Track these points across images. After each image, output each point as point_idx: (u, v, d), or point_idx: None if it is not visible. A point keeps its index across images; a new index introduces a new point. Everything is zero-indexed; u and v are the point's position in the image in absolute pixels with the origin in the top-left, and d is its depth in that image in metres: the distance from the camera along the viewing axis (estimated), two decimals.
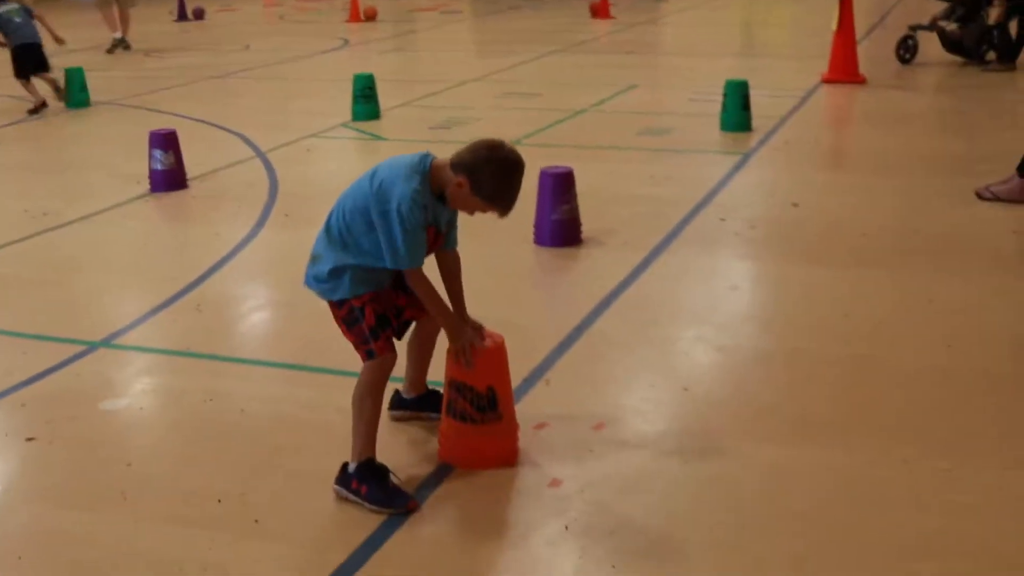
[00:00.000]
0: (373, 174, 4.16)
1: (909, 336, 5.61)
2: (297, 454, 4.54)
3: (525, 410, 4.77)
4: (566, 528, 3.95)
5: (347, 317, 4.24)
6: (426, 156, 4.18)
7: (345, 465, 4.26)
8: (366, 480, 4.18)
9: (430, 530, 4.00)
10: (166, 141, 9.03)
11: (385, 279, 4.30)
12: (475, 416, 4.34)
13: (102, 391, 5.28)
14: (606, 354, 5.49)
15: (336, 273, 4.20)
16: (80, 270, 7.24)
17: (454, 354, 4.29)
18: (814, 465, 4.36)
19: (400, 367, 4.46)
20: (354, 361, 4.31)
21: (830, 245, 7.09)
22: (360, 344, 4.25)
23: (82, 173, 9.79)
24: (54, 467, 4.60)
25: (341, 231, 4.19)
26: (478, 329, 4.39)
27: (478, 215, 4.28)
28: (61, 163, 10.24)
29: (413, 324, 4.56)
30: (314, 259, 4.29)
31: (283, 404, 5.08)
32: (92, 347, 5.82)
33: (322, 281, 4.24)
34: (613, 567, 3.73)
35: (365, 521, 4.04)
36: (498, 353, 4.39)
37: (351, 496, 4.18)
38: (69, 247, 7.75)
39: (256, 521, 4.08)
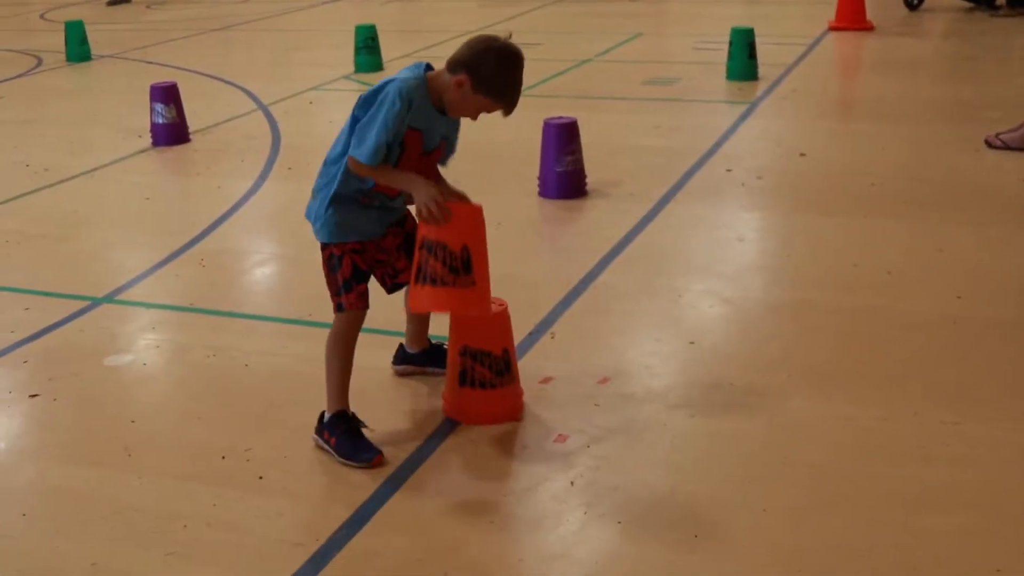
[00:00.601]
0: (366, 93, 4.08)
1: (918, 286, 5.56)
2: (301, 409, 4.51)
3: (530, 364, 4.75)
4: (571, 483, 3.93)
5: (327, 262, 4.20)
6: (421, 63, 4.10)
7: (322, 415, 4.26)
8: (335, 431, 4.17)
9: (434, 485, 3.99)
10: (167, 94, 8.96)
11: (374, 226, 4.20)
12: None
13: (106, 347, 5.26)
14: (612, 307, 5.45)
15: (323, 207, 4.12)
16: (83, 225, 7.21)
17: (425, 211, 3.92)
18: (822, 417, 4.33)
19: (397, 321, 4.43)
20: None
21: (838, 194, 7.03)
22: (333, 294, 4.20)
23: (83, 127, 9.73)
24: (58, 424, 4.59)
25: (337, 154, 4.14)
26: (460, 195, 4.18)
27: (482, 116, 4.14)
28: (62, 118, 10.18)
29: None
30: (313, 193, 4.24)
31: (287, 359, 5.05)
32: (95, 303, 5.79)
33: (314, 215, 4.20)
34: (619, 523, 3.71)
35: (370, 477, 4.02)
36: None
37: (324, 446, 4.19)
38: (71, 202, 7.71)
39: (260, 477, 4.06)
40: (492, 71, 3.97)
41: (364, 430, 4.20)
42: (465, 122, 4.25)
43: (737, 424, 4.31)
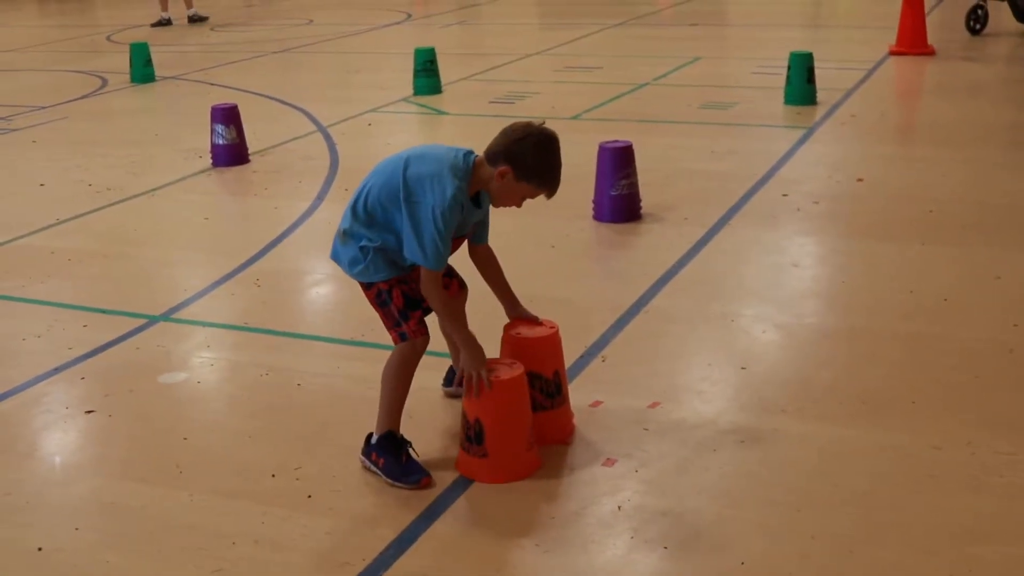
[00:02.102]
0: (407, 163, 4.07)
1: (975, 313, 5.50)
2: (352, 429, 4.53)
3: (581, 387, 4.75)
4: (619, 508, 3.92)
5: (376, 299, 4.21)
6: (470, 154, 4.10)
7: (369, 436, 4.27)
8: (384, 453, 4.18)
9: (481, 507, 3.99)
10: (228, 116, 9.07)
11: (408, 264, 4.21)
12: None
13: (161, 364, 5.32)
14: (664, 331, 5.44)
15: (363, 253, 4.14)
16: (142, 244, 7.30)
17: (465, 379, 4.11)
18: (873, 445, 4.29)
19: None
20: None
21: (895, 220, 6.98)
22: (392, 326, 4.21)
23: (145, 147, 9.85)
24: (112, 440, 4.65)
25: (369, 210, 4.13)
26: (532, 319, 4.39)
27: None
28: (125, 138, 10.32)
29: None
30: (343, 235, 4.23)
31: (339, 379, 5.09)
32: (152, 320, 5.86)
33: (351, 261, 4.20)
34: (665, 548, 3.69)
35: (417, 498, 4.04)
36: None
37: (371, 467, 4.20)
38: (131, 221, 7.82)
39: (309, 496, 4.09)
40: (533, 159, 4.02)
41: (411, 452, 4.22)
42: None
43: (787, 451, 4.28)
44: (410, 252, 4.03)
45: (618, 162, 7.09)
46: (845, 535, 3.71)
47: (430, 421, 4.59)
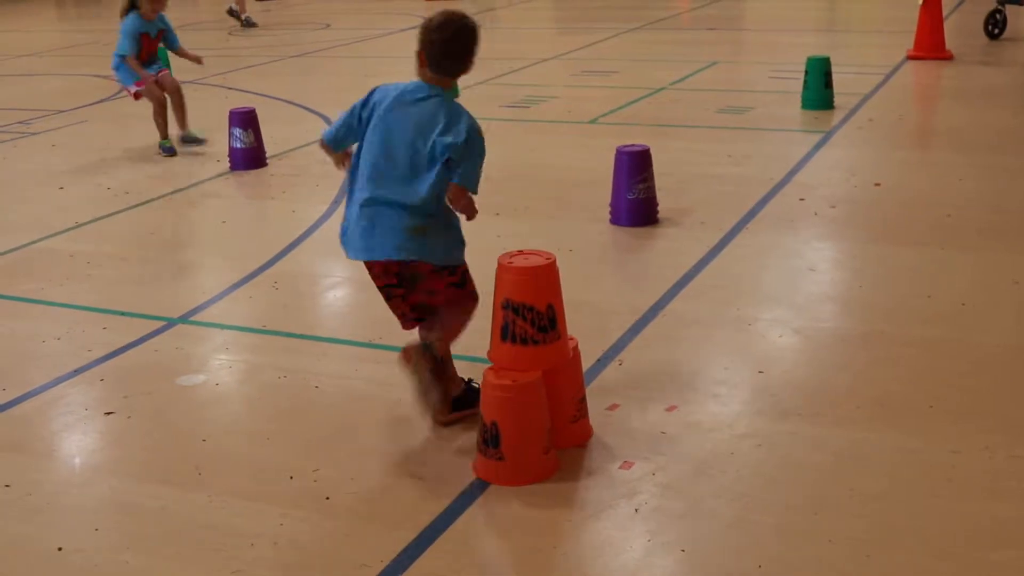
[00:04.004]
0: (419, 128, 4.36)
1: (993, 318, 5.49)
2: (369, 431, 4.56)
3: (598, 391, 4.76)
4: (636, 511, 3.93)
5: (462, 278, 4.48)
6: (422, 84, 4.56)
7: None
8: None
9: (499, 509, 4.00)
10: (246, 120, 9.11)
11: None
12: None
13: (179, 367, 5.35)
14: (681, 335, 5.45)
15: (457, 242, 4.45)
16: (160, 247, 7.34)
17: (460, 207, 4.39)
18: (891, 449, 4.28)
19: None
20: None
21: (912, 225, 6.97)
22: (467, 297, 4.52)
23: None
24: (131, 441, 4.67)
25: (432, 200, 4.32)
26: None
27: None
28: (143, 141, 10.35)
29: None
30: (419, 232, 4.32)
31: (356, 381, 5.10)
32: (171, 323, 5.89)
33: (443, 253, 4.41)
34: (683, 551, 3.70)
35: (434, 499, 4.05)
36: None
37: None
38: (150, 224, 7.85)
39: (327, 498, 4.10)
40: (442, 49, 4.47)
41: None
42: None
43: (804, 454, 4.28)
44: (474, 185, 4.36)
45: (635, 166, 7.09)
46: (862, 539, 3.71)
47: (436, 436, 4.60)
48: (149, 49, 9.81)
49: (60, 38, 19.77)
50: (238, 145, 9.14)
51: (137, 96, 9.77)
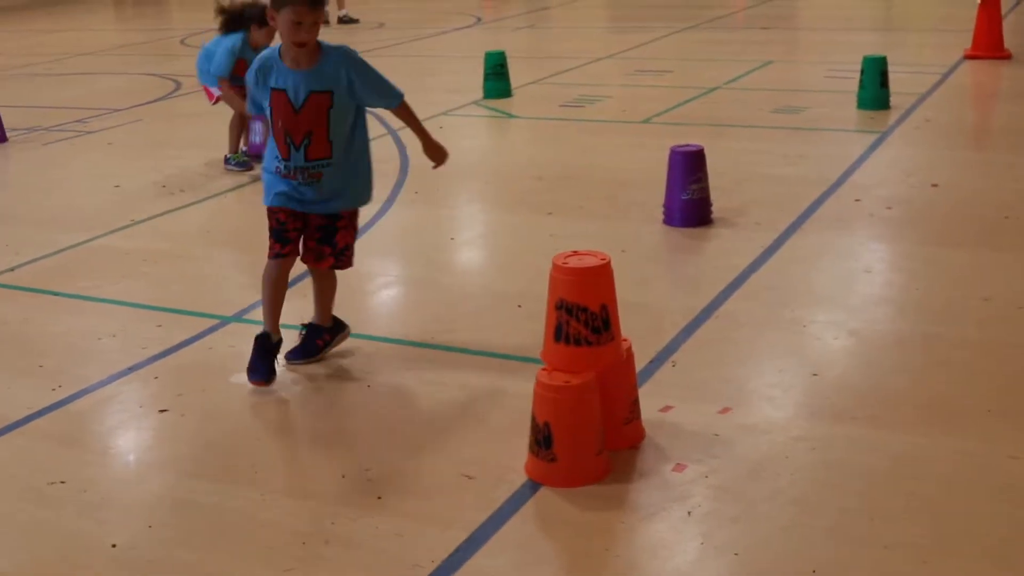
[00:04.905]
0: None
1: None
2: (420, 431, 4.56)
3: (651, 392, 4.73)
4: (689, 514, 3.90)
5: (354, 221, 5.05)
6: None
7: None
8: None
9: (551, 510, 3.99)
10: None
11: None
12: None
13: (233, 365, 5.37)
14: (734, 337, 5.41)
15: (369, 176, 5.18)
16: (215, 245, 7.39)
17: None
18: (947, 453, 4.23)
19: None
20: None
21: (969, 226, 6.88)
22: (350, 248, 5.18)
23: (217, 150, 9.90)
24: (185, 438, 4.70)
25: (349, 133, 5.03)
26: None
27: None
28: (197, 140, 10.44)
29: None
30: (349, 180, 5.10)
31: (408, 381, 5.11)
32: (225, 321, 5.93)
33: (364, 192, 5.21)
34: (736, 555, 3.67)
35: (486, 500, 4.04)
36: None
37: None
38: (205, 222, 7.92)
39: (379, 497, 4.11)
40: None
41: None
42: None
43: (859, 458, 4.23)
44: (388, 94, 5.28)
45: (689, 166, 7.05)
46: (918, 545, 3.67)
47: (499, 424, 4.60)
48: (238, 73, 9.37)
49: (117, 37, 19.97)
50: (258, 139, 8.76)
51: (217, 100, 9.41)
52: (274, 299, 5.13)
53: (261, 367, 5.03)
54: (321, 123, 4.81)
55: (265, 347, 5.08)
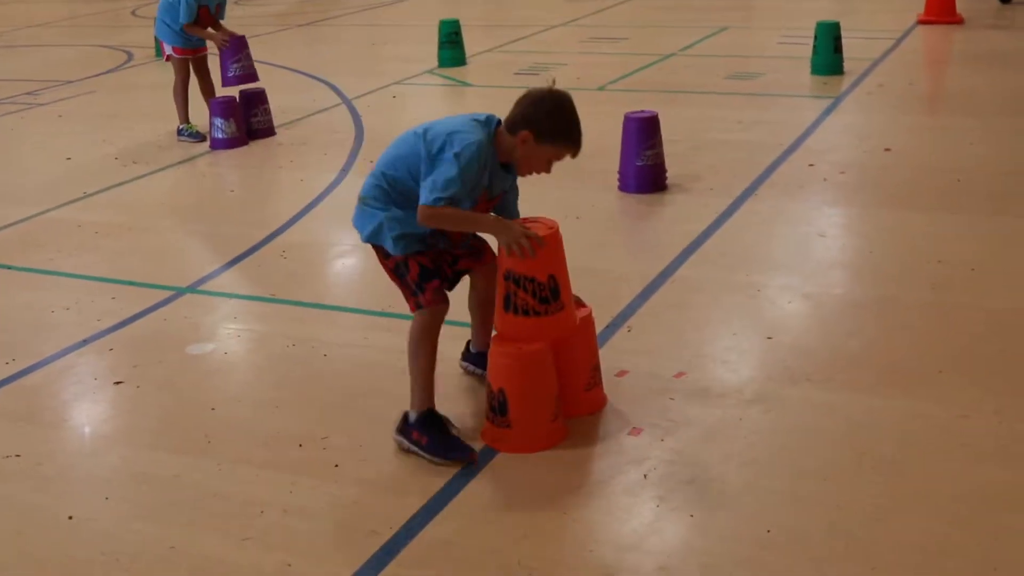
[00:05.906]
0: (427, 128, 4.06)
1: (1004, 283, 5.47)
2: (378, 399, 4.55)
3: (607, 357, 4.73)
4: (645, 476, 3.92)
5: (395, 271, 4.20)
6: (492, 116, 4.11)
7: (406, 415, 4.22)
8: (426, 431, 4.14)
9: (508, 476, 4.00)
10: (226, 109, 8.93)
11: (432, 240, 4.19)
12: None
13: (188, 336, 5.35)
14: (689, 301, 5.43)
15: (382, 224, 4.13)
16: (168, 217, 7.33)
17: (507, 249, 4.01)
18: (902, 415, 4.27)
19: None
20: None
21: (922, 190, 6.93)
22: (408, 296, 4.20)
23: (170, 122, 9.81)
24: (141, 410, 4.68)
25: (389, 180, 4.12)
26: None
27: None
28: (151, 112, 10.34)
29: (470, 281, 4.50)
30: (361, 201, 4.22)
31: (365, 350, 5.10)
32: (179, 292, 5.89)
33: (369, 234, 4.20)
34: (691, 516, 3.70)
35: (443, 467, 4.04)
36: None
37: (412, 447, 4.15)
38: (158, 194, 7.85)
39: (336, 465, 4.11)
40: (550, 119, 4.04)
41: (452, 428, 4.22)
42: None
43: (814, 420, 4.27)
44: (426, 191, 3.93)
45: (644, 133, 7.06)
46: (873, 504, 3.71)
47: (453, 391, 4.60)
48: (206, 23, 9.02)
49: (67, 8, 19.71)
50: (220, 135, 8.95)
51: (168, 58, 9.20)
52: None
53: (461, 443, 4.18)
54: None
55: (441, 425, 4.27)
